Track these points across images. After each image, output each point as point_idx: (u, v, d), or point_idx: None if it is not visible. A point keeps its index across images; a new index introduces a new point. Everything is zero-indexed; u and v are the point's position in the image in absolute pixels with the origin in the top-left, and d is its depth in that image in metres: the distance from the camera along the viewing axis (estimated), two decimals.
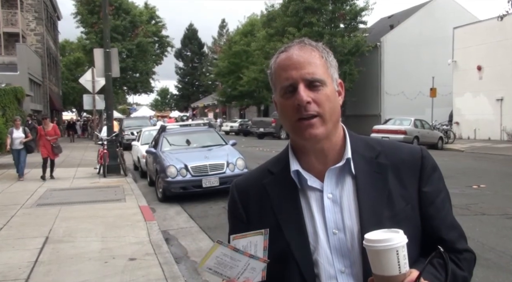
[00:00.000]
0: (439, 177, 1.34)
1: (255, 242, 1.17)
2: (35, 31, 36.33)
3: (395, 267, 1.05)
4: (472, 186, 10.81)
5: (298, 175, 1.31)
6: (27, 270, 5.38)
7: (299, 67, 1.25)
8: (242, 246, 1.16)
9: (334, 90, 1.30)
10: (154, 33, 49.09)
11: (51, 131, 13.21)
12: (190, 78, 79.59)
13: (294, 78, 1.24)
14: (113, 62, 14.85)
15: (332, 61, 1.32)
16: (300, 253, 1.25)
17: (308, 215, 1.28)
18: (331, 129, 1.27)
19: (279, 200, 1.31)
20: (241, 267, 1.17)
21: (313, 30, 31.74)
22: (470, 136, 28.50)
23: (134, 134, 21.99)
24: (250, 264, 1.17)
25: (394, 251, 1.05)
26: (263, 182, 1.36)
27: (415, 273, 1.07)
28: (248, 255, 1.16)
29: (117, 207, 9.19)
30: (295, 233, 1.27)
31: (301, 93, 1.22)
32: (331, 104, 1.26)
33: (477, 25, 29.01)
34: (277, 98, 1.31)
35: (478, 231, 6.80)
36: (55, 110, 41.33)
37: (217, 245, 1.15)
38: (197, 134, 12.50)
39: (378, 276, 1.08)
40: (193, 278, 5.40)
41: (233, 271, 1.17)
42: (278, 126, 31.72)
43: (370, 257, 1.09)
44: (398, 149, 1.35)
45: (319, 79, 1.25)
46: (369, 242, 1.08)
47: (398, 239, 1.06)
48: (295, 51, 1.28)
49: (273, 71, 1.32)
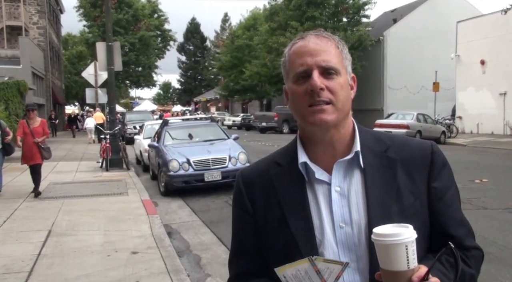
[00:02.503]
0: (448, 172, 1.33)
1: (332, 269, 1.14)
2: (38, 24, 36.28)
3: (403, 262, 1.04)
4: (475, 180, 10.79)
5: (306, 167, 1.29)
6: (31, 263, 5.41)
7: (315, 54, 1.24)
8: (320, 268, 1.14)
9: (348, 82, 1.29)
10: (157, 27, 49.06)
11: (39, 129, 9.68)
12: (193, 73, 79.48)
13: (309, 64, 1.24)
14: (115, 56, 14.83)
15: (347, 54, 1.32)
16: (305, 246, 1.23)
17: (314, 208, 1.27)
18: (341, 119, 1.26)
19: (286, 192, 1.30)
20: None
21: (315, 24, 31.62)
22: (473, 130, 28.43)
23: (136, 128, 22.01)
24: None
25: (403, 246, 1.04)
26: (270, 173, 1.35)
27: (423, 269, 1.06)
28: (323, 281, 1.13)
29: (120, 200, 9.21)
30: (301, 225, 1.25)
31: (315, 79, 1.21)
32: (345, 94, 1.25)
33: (480, 19, 28.87)
34: (290, 85, 1.29)
35: (480, 225, 6.80)
36: (58, 104, 41.32)
37: (305, 260, 1.13)
38: (199, 129, 12.51)
39: (386, 271, 1.06)
40: (195, 271, 5.42)
41: None
42: (281, 121, 31.70)
43: (378, 251, 1.07)
44: (408, 144, 1.34)
45: (333, 67, 1.24)
46: (378, 236, 1.06)
47: (407, 234, 1.05)
48: (311, 39, 1.28)
49: (287, 59, 1.31)
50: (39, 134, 9.61)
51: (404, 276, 1.05)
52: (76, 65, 55.80)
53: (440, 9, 34.29)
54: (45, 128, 9.93)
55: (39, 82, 33.22)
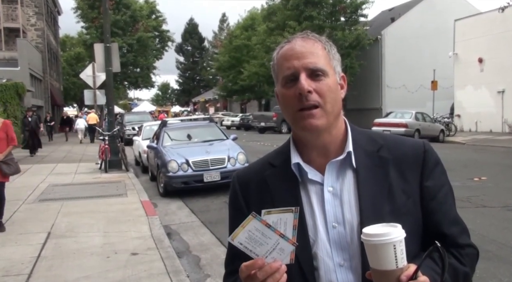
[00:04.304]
0: (441, 171, 1.33)
1: (285, 219, 1.13)
2: (36, 26, 36.28)
3: (392, 262, 1.05)
4: (473, 178, 10.81)
5: (299, 168, 1.30)
6: (30, 265, 5.41)
7: (301, 57, 1.25)
8: (272, 222, 1.13)
9: (336, 82, 1.29)
10: (155, 27, 49.04)
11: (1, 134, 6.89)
12: (191, 73, 79.50)
13: (296, 67, 1.24)
14: (113, 57, 14.83)
15: (335, 54, 1.32)
16: (299, 246, 1.23)
17: (308, 208, 1.28)
18: (332, 122, 1.27)
19: (279, 192, 1.31)
20: (270, 246, 1.14)
21: (313, 24, 31.63)
22: (471, 129, 28.45)
23: (135, 129, 22.00)
24: (279, 244, 1.13)
25: (391, 246, 1.05)
26: (264, 174, 1.36)
27: (412, 267, 1.07)
28: (279, 234, 1.12)
29: (119, 202, 9.21)
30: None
31: (302, 82, 1.22)
32: (333, 95, 1.26)
33: (478, 17, 28.88)
34: (279, 89, 1.31)
35: (479, 223, 6.81)
36: (56, 105, 41.30)
37: (251, 218, 1.12)
38: (198, 129, 12.51)
39: (376, 270, 1.08)
40: (195, 272, 5.43)
41: (262, 248, 1.14)
42: (279, 121, 31.68)
43: (368, 251, 1.09)
44: (401, 143, 1.35)
45: (321, 68, 1.24)
46: (367, 236, 1.08)
47: (395, 233, 1.06)
48: (298, 42, 1.28)
49: (276, 62, 1.32)
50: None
51: (393, 275, 1.06)
52: (74, 67, 55.83)
53: (438, 8, 34.28)
54: (11, 133, 7.06)
55: (37, 84, 33.21)
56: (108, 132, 14.52)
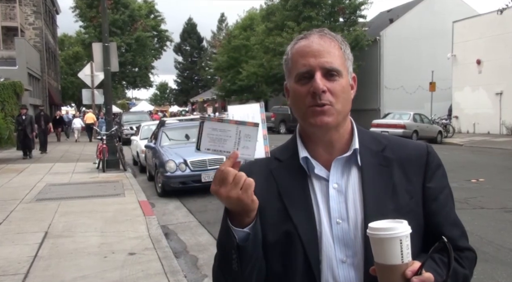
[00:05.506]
0: (443, 174, 1.35)
1: (252, 114, 1.14)
2: (34, 25, 36.19)
3: (397, 256, 1.06)
4: (471, 180, 10.82)
5: (307, 162, 1.31)
6: (27, 264, 5.39)
7: (318, 55, 1.25)
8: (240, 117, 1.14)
9: (349, 82, 1.31)
10: (153, 27, 49.02)
11: None
12: (189, 73, 79.40)
13: (312, 66, 1.24)
14: (112, 57, 14.82)
15: (349, 54, 1.33)
16: (306, 237, 1.24)
17: (314, 202, 1.28)
18: (341, 121, 1.28)
19: (287, 185, 1.30)
20: (234, 137, 1.13)
21: (312, 24, 31.61)
22: (469, 130, 28.50)
23: (133, 129, 21.98)
24: (242, 131, 1.13)
25: (397, 240, 1.05)
26: (269, 167, 1.35)
27: (417, 263, 1.08)
28: (234, 122, 1.12)
29: (116, 201, 9.19)
30: (303, 217, 1.26)
31: (318, 81, 1.22)
32: (345, 95, 1.27)
33: (476, 18, 28.94)
34: (291, 84, 1.30)
35: (477, 224, 6.82)
36: (54, 105, 41.22)
37: (202, 123, 1.14)
38: (196, 129, 12.42)
39: (380, 265, 1.08)
40: (192, 272, 5.42)
41: (229, 143, 1.14)
42: (278, 121, 31.70)
43: (373, 245, 1.09)
44: (404, 145, 1.36)
45: (336, 69, 1.25)
46: (373, 230, 1.08)
47: (402, 228, 1.06)
48: (315, 39, 1.28)
49: (290, 57, 1.32)
50: None
51: (398, 270, 1.06)
52: (72, 66, 55.70)
53: (436, 9, 34.35)
54: None
55: (35, 83, 33.14)
56: (106, 132, 14.50)
